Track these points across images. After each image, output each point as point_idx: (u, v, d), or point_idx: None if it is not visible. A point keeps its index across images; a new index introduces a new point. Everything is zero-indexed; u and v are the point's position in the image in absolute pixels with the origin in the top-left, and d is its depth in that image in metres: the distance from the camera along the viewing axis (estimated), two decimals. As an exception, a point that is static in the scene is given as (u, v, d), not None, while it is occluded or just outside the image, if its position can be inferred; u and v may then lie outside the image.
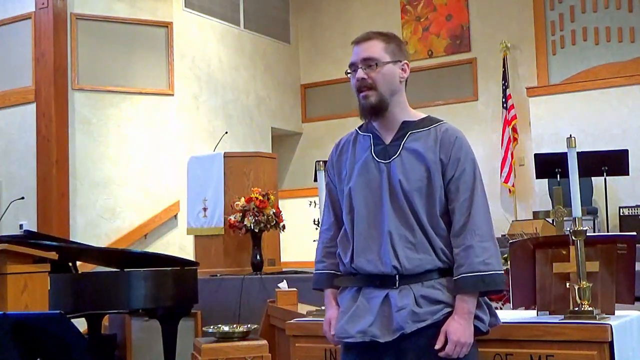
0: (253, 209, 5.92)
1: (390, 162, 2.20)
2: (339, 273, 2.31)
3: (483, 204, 2.17)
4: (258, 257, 6.01)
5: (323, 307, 2.58)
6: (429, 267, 2.14)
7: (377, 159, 2.23)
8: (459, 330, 2.07)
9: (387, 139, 2.25)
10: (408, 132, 2.24)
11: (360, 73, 2.22)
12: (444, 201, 2.17)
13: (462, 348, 2.08)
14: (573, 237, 2.37)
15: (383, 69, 2.23)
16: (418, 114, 2.31)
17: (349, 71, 2.28)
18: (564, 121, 8.48)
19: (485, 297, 2.22)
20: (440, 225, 2.16)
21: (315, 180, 3.66)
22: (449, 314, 2.11)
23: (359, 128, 2.35)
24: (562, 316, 2.38)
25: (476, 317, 2.14)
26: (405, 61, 2.30)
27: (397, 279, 2.13)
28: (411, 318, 2.09)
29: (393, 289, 2.13)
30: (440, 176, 2.17)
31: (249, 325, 4.87)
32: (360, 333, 2.14)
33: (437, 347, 2.08)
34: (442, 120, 2.28)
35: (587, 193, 7.74)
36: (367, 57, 2.23)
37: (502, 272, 2.14)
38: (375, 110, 2.23)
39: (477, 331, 2.16)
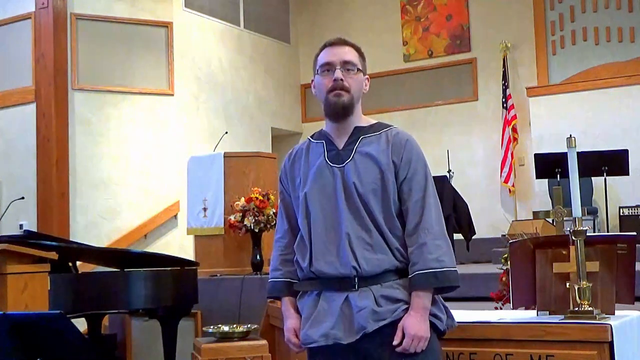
0: (253, 209, 5.91)
1: (343, 166, 2.26)
2: (294, 281, 2.34)
3: (435, 203, 2.23)
4: (258, 257, 6.01)
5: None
6: (387, 266, 2.19)
7: (330, 163, 2.28)
8: (415, 324, 2.12)
9: (340, 144, 2.30)
10: (360, 136, 2.30)
11: (339, 73, 2.26)
12: (397, 202, 2.23)
13: (419, 342, 2.12)
14: (573, 237, 2.37)
15: (358, 76, 2.31)
16: (370, 120, 2.37)
17: (320, 70, 2.31)
18: (564, 121, 8.48)
19: (442, 298, 2.26)
20: (396, 226, 2.21)
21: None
22: (407, 310, 2.16)
23: (312, 137, 2.40)
24: (562, 316, 2.38)
25: (434, 315, 2.19)
26: (367, 76, 2.38)
27: (356, 281, 2.17)
28: (372, 317, 2.13)
29: (353, 291, 2.17)
30: (394, 177, 2.23)
31: (249, 325, 4.87)
32: (323, 337, 2.18)
33: (395, 342, 2.13)
34: (392, 125, 2.35)
35: (587, 193, 7.74)
36: (348, 61, 2.29)
37: (455, 269, 2.19)
38: (345, 111, 2.28)
39: (436, 330, 2.20)
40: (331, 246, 2.21)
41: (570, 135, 2.45)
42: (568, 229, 2.44)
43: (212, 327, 4.86)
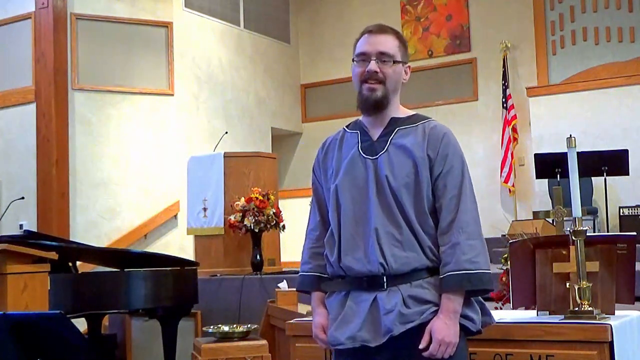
0: (253, 209, 5.91)
1: (377, 158, 2.17)
2: (324, 275, 2.26)
3: (471, 201, 2.13)
4: (258, 257, 6.01)
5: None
6: (417, 265, 2.09)
7: (364, 155, 2.19)
8: (443, 329, 2.03)
9: (375, 135, 2.22)
10: (396, 128, 2.21)
11: (374, 65, 2.18)
12: (431, 198, 2.13)
13: (446, 348, 2.03)
14: (573, 237, 2.37)
15: (395, 67, 2.22)
16: (407, 111, 2.28)
17: (356, 59, 2.23)
18: (564, 121, 8.48)
19: (479, 297, 2.18)
20: (429, 223, 2.12)
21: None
22: (436, 312, 2.07)
23: (347, 126, 2.32)
24: (562, 316, 2.38)
25: (465, 317, 2.10)
26: (408, 64, 2.30)
27: (385, 279, 2.08)
28: (399, 320, 2.05)
29: (381, 291, 2.09)
30: (428, 172, 2.13)
31: (249, 325, 4.87)
32: (350, 339, 2.10)
33: (421, 346, 2.04)
34: (430, 118, 2.26)
35: (587, 193, 7.73)
36: (384, 52, 2.20)
37: (489, 271, 2.09)
38: (378, 106, 2.20)
39: (467, 331, 2.12)
40: (360, 241, 2.12)
41: (570, 135, 2.45)
42: (568, 229, 2.43)
43: (212, 327, 4.86)
